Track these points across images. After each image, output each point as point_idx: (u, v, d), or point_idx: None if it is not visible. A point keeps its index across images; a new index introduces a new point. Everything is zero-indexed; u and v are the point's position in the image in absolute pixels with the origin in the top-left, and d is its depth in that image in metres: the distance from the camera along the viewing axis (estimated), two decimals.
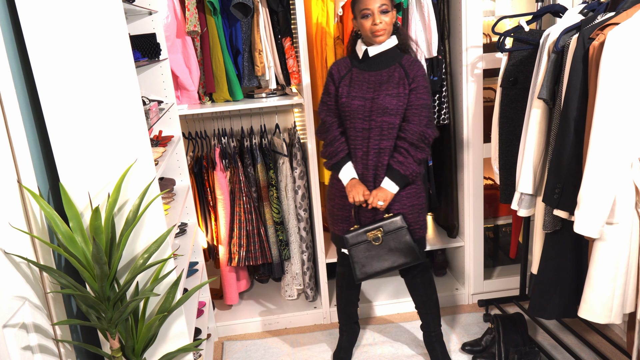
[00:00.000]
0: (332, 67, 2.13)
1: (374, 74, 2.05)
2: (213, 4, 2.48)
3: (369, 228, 2.06)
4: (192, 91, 2.65)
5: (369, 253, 2.08)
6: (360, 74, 2.07)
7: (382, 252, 2.08)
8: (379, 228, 2.05)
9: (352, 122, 2.06)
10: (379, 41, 2.00)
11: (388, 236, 2.06)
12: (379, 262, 2.09)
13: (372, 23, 1.96)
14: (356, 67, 2.09)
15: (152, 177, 1.62)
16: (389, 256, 2.09)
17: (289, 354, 2.58)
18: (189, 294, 1.62)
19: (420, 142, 2.02)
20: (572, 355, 2.33)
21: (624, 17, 1.57)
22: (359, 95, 2.04)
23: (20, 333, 1.38)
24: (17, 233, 1.40)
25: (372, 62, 2.06)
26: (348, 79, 2.07)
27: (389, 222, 2.05)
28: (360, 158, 2.08)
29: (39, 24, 1.46)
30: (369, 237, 2.06)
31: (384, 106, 2.00)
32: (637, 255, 1.69)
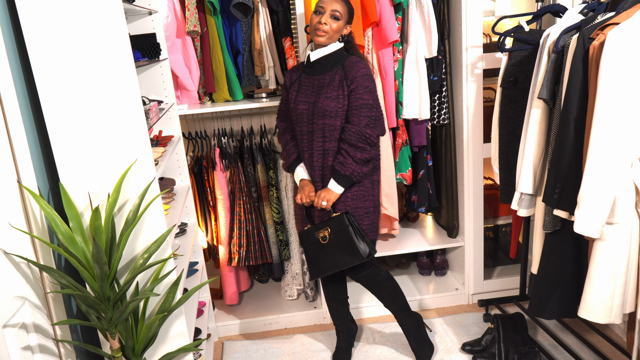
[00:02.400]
0: (286, 74, 2.23)
1: (317, 78, 2.11)
2: (213, 4, 2.48)
3: (317, 226, 2.13)
4: (192, 91, 2.65)
5: (319, 252, 2.14)
6: (307, 78, 2.14)
7: (330, 251, 2.11)
8: (326, 227, 2.10)
9: (299, 125, 2.14)
10: (317, 40, 2.05)
11: (335, 235, 2.09)
12: (328, 260, 2.13)
13: (319, 20, 2.02)
14: (305, 72, 2.16)
15: (152, 177, 1.62)
16: (336, 255, 2.11)
17: (289, 354, 2.58)
18: (189, 294, 1.62)
19: (359, 142, 2.02)
20: (572, 355, 2.33)
21: (624, 17, 1.57)
22: (304, 100, 2.11)
23: (20, 333, 1.38)
24: (17, 233, 1.40)
25: (316, 66, 2.11)
26: (297, 85, 2.16)
27: (334, 221, 2.09)
28: (307, 160, 2.17)
29: (39, 24, 1.46)
30: (318, 235, 2.13)
31: (324, 109, 2.06)
32: (637, 255, 1.69)
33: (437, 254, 3.14)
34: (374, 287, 2.31)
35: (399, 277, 3.12)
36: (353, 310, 2.75)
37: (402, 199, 3.13)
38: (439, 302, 2.90)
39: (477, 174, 2.70)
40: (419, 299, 2.88)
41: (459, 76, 2.63)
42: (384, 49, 2.55)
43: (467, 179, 2.71)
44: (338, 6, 2.04)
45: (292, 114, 2.17)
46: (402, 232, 3.05)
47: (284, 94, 2.23)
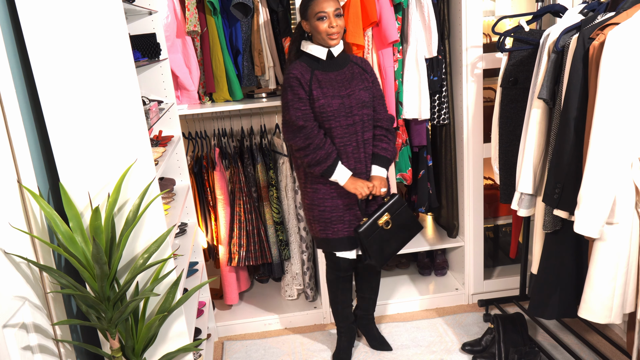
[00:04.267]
0: (294, 72, 2.09)
1: (337, 73, 2.13)
2: (213, 4, 2.48)
3: (378, 215, 2.13)
4: (192, 91, 2.65)
5: (383, 238, 2.15)
6: (324, 74, 2.11)
7: (394, 234, 2.17)
8: (385, 212, 2.14)
9: (336, 120, 2.09)
10: (333, 44, 2.08)
11: (394, 217, 2.16)
12: (393, 244, 2.18)
13: (328, 25, 2.03)
14: (318, 69, 2.11)
15: (152, 177, 1.62)
16: (399, 235, 2.19)
17: (289, 354, 2.58)
18: (189, 294, 1.62)
19: (391, 127, 2.24)
20: (572, 355, 2.33)
21: (624, 17, 1.57)
22: (335, 94, 2.09)
23: (20, 333, 1.38)
24: (17, 233, 1.40)
25: (333, 62, 2.13)
26: (316, 81, 2.09)
27: (392, 204, 2.16)
28: (352, 153, 2.15)
29: (39, 24, 1.46)
30: (379, 224, 2.13)
31: (362, 100, 2.12)
32: (637, 255, 1.69)
33: (437, 254, 3.14)
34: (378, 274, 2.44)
35: (399, 277, 3.12)
36: None
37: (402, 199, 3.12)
38: (439, 302, 2.90)
39: (477, 174, 2.70)
40: (419, 299, 2.88)
41: (459, 76, 2.63)
42: (384, 49, 2.55)
43: (467, 179, 2.71)
44: (336, 3, 2.05)
45: (325, 110, 2.08)
46: None
47: (301, 93, 2.08)
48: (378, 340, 2.54)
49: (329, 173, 2.10)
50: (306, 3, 2.07)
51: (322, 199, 2.18)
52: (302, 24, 2.12)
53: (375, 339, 2.55)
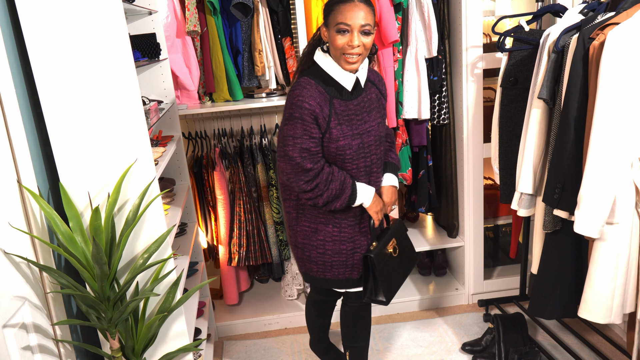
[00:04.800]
0: (311, 104, 1.66)
1: (355, 102, 1.76)
2: (213, 4, 2.48)
3: (385, 241, 1.86)
4: (192, 91, 2.65)
5: (391, 268, 1.86)
6: (343, 105, 1.73)
7: (398, 262, 1.89)
8: (391, 239, 1.88)
9: (355, 162, 1.77)
10: (349, 68, 1.68)
11: (400, 243, 1.91)
12: (399, 274, 1.91)
13: (348, 42, 1.63)
14: (336, 98, 1.72)
15: (152, 177, 1.62)
16: (403, 264, 1.92)
17: (289, 354, 2.58)
18: (189, 294, 1.62)
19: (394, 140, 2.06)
20: (572, 355, 2.33)
21: (624, 17, 1.57)
22: (355, 133, 1.74)
23: (20, 333, 1.38)
24: (17, 233, 1.40)
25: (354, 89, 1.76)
26: (335, 117, 1.71)
27: (396, 229, 1.91)
28: None
29: (39, 24, 1.46)
30: (388, 250, 1.86)
31: (379, 136, 1.82)
32: (637, 255, 1.69)
33: (437, 254, 3.14)
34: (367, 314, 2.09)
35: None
36: None
37: (402, 199, 3.13)
38: (439, 302, 2.90)
39: (477, 174, 2.70)
40: (419, 299, 2.88)
41: (459, 76, 2.63)
42: (384, 49, 2.55)
43: (467, 179, 2.71)
44: (367, 15, 1.62)
45: (344, 151, 1.72)
46: None
47: (315, 132, 1.68)
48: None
49: (353, 201, 1.78)
50: (330, 6, 1.66)
51: (322, 241, 1.86)
52: (322, 29, 1.73)
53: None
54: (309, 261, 1.92)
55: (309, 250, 1.90)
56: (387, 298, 1.86)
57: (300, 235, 1.90)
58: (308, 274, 1.96)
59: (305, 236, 1.89)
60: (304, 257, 1.93)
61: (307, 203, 1.82)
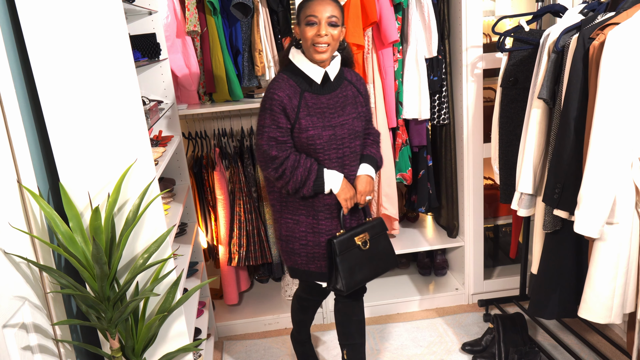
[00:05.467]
0: (279, 95, 1.78)
1: (329, 97, 1.84)
2: (213, 4, 2.48)
3: (357, 232, 1.90)
4: (192, 91, 2.65)
5: (357, 260, 1.89)
6: (314, 98, 1.82)
7: (368, 258, 1.92)
8: (364, 232, 1.91)
9: (327, 153, 1.83)
10: (318, 58, 1.78)
11: (374, 240, 1.93)
12: (365, 269, 1.93)
13: (316, 32, 1.74)
14: (308, 91, 1.82)
15: (152, 177, 1.62)
16: (373, 262, 1.94)
17: (289, 354, 2.58)
18: (189, 294, 1.62)
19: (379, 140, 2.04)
20: (572, 355, 2.33)
21: (624, 17, 1.57)
22: (326, 124, 1.81)
23: (20, 333, 1.38)
24: (17, 233, 1.40)
25: (327, 83, 1.84)
26: (304, 108, 1.80)
27: (372, 225, 1.95)
28: None
29: (39, 24, 1.46)
30: (357, 242, 1.90)
31: (355, 130, 1.88)
32: (637, 255, 1.69)
33: (437, 254, 3.14)
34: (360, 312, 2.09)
35: (399, 277, 3.12)
36: None
37: (402, 199, 3.13)
38: (439, 302, 2.90)
39: (477, 174, 2.70)
40: (419, 299, 2.88)
41: (459, 76, 2.63)
42: (384, 49, 2.55)
43: (467, 179, 2.71)
44: (334, 9, 1.76)
45: (314, 141, 1.80)
46: (402, 232, 3.05)
47: (282, 121, 1.79)
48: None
49: (320, 186, 1.83)
50: (301, 5, 1.81)
51: (304, 233, 1.92)
52: (294, 28, 1.85)
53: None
54: (293, 253, 1.96)
55: (292, 242, 1.95)
56: (347, 288, 1.87)
57: (284, 228, 1.96)
58: (293, 267, 1.99)
59: (288, 228, 1.94)
60: (288, 250, 1.97)
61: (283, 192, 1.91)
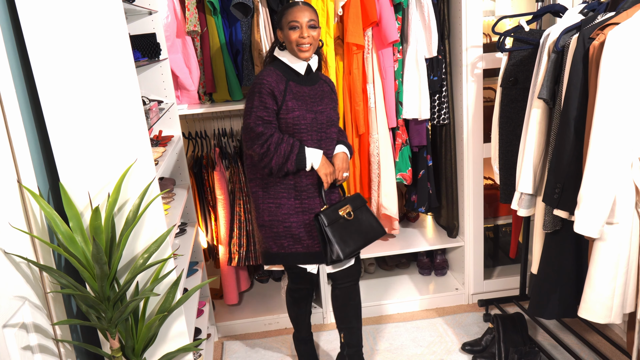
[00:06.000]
0: (268, 80, 1.98)
1: (310, 88, 2.07)
2: (213, 4, 2.48)
3: (338, 205, 2.04)
4: (192, 91, 2.65)
5: (346, 229, 2.03)
6: (298, 87, 2.04)
7: (355, 227, 2.06)
8: (346, 205, 2.06)
9: (309, 134, 2.01)
10: (303, 56, 2.00)
11: (356, 212, 2.08)
12: (356, 236, 2.04)
13: (299, 35, 1.97)
14: (293, 81, 2.03)
15: (152, 177, 1.62)
16: (361, 231, 2.07)
17: (289, 354, 2.58)
18: (189, 294, 1.62)
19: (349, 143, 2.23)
20: (572, 355, 2.33)
21: (624, 17, 1.57)
22: (309, 109, 2.02)
23: (20, 333, 1.38)
24: (17, 233, 1.40)
25: (308, 77, 2.08)
26: (290, 93, 2.01)
27: (352, 199, 2.10)
28: None
29: (39, 24, 1.46)
30: (341, 214, 2.03)
31: (331, 118, 2.09)
32: (637, 255, 1.69)
33: (437, 254, 3.14)
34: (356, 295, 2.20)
35: (399, 277, 3.12)
36: None
37: (402, 199, 3.13)
38: (439, 302, 2.90)
39: (477, 174, 2.70)
40: (419, 299, 2.88)
41: (459, 76, 2.63)
42: (384, 49, 2.55)
43: (467, 179, 2.71)
44: (311, 14, 1.99)
45: (297, 122, 1.99)
46: (402, 232, 3.05)
47: (269, 102, 1.96)
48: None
49: (302, 162, 1.98)
50: (282, 12, 2.03)
51: (287, 215, 2.05)
52: (278, 33, 2.06)
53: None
54: (278, 237, 2.08)
55: (276, 226, 2.07)
56: (344, 254, 1.99)
57: (266, 213, 2.08)
58: (280, 252, 2.10)
59: (271, 213, 2.07)
60: (272, 235, 2.09)
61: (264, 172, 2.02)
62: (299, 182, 2.04)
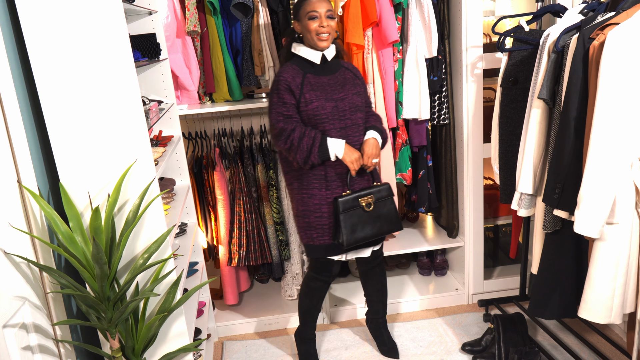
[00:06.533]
0: (284, 76, 2.06)
1: (329, 77, 2.11)
2: (213, 4, 2.48)
3: (361, 194, 2.10)
4: (192, 91, 2.65)
5: (360, 219, 2.10)
6: (316, 78, 2.09)
7: (371, 218, 2.12)
8: (370, 194, 2.11)
9: (331, 123, 2.06)
10: (322, 45, 2.06)
11: (378, 203, 2.13)
12: (368, 228, 2.11)
13: (319, 25, 2.03)
14: (310, 73, 2.09)
15: (152, 177, 1.62)
16: (377, 223, 2.13)
17: (289, 354, 2.58)
18: (189, 294, 1.62)
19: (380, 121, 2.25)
20: (572, 355, 2.33)
21: (624, 17, 1.57)
22: (329, 97, 2.06)
23: (20, 333, 1.38)
24: (17, 233, 1.40)
25: (325, 67, 2.12)
26: (308, 85, 2.06)
27: (378, 189, 2.14)
28: None
29: (39, 24, 1.46)
30: (361, 203, 2.09)
31: (355, 104, 2.11)
32: (637, 255, 1.69)
33: (437, 254, 3.14)
34: (384, 275, 2.41)
35: (399, 277, 3.12)
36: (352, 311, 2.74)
37: (402, 199, 3.13)
38: (439, 302, 2.90)
39: (477, 174, 2.70)
40: (419, 299, 2.88)
41: (459, 76, 2.63)
42: (384, 49, 2.55)
43: (467, 179, 2.71)
44: (328, 5, 2.05)
45: (318, 112, 2.04)
46: (402, 232, 3.05)
47: (287, 98, 2.04)
48: (387, 345, 2.50)
49: (325, 153, 2.03)
50: (299, 3, 2.08)
51: (318, 205, 2.12)
52: (294, 24, 2.12)
53: (384, 344, 2.51)
54: (310, 228, 2.15)
55: (308, 216, 2.14)
56: (347, 244, 2.08)
57: (300, 203, 2.16)
58: (309, 244, 2.19)
59: (304, 203, 2.15)
60: (304, 225, 2.17)
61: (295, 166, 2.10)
62: (329, 173, 2.10)
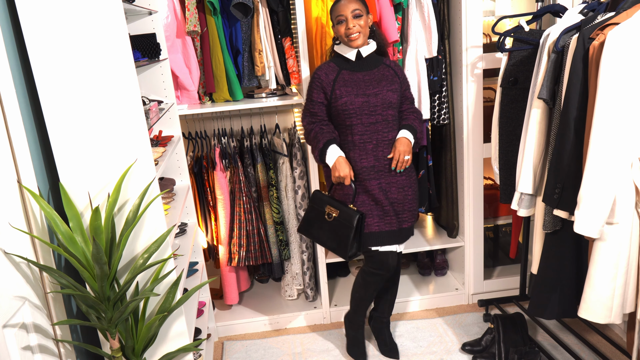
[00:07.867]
0: (318, 73, 2.18)
1: (365, 74, 2.18)
2: (213, 4, 2.48)
3: (333, 202, 2.18)
4: (192, 91, 2.65)
5: (317, 220, 2.21)
6: (351, 74, 2.17)
7: (326, 228, 2.19)
8: (338, 209, 2.16)
9: (359, 118, 2.13)
10: (355, 45, 2.13)
11: (337, 222, 2.15)
12: (322, 232, 2.20)
13: (345, 28, 2.10)
14: (346, 69, 2.17)
15: (152, 177, 1.62)
16: (328, 235, 2.19)
17: (289, 354, 2.58)
18: (189, 294, 1.62)
19: (420, 116, 2.28)
20: (572, 355, 2.33)
21: (624, 17, 1.57)
22: (360, 93, 2.13)
23: (20, 333, 1.38)
24: (17, 233, 1.40)
25: (363, 62, 2.18)
26: (341, 81, 2.15)
27: (347, 212, 2.14)
28: (372, 150, 2.15)
29: (39, 24, 1.46)
30: (326, 209, 2.18)
31: (388, 100, 2.15)
32: (637, 255, 1.69)
33: (437, 254, 3.14)
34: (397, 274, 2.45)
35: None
36: None
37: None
38: (439, 302, 2.90)
39: (477, 174, 2.70)
40: (419, 299, 2.88)
41: (459, 76, 2.63)
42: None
43: (467, 179, 2.71)
44: (355, 4, 2.09)
45: (347, 107, 2.12)
46: None
47: (317, 95, 2.18)
48: (388, 346, 2.51)
49: (323, 157, 2.16)
50: (331, 9, 2.16)
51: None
52: (333, 29, 2.19)
53: (385, 344, 2.52)
54: None
55: None
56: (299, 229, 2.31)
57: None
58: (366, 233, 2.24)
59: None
60: None
61: None
62: (355, 166, 2.17)
